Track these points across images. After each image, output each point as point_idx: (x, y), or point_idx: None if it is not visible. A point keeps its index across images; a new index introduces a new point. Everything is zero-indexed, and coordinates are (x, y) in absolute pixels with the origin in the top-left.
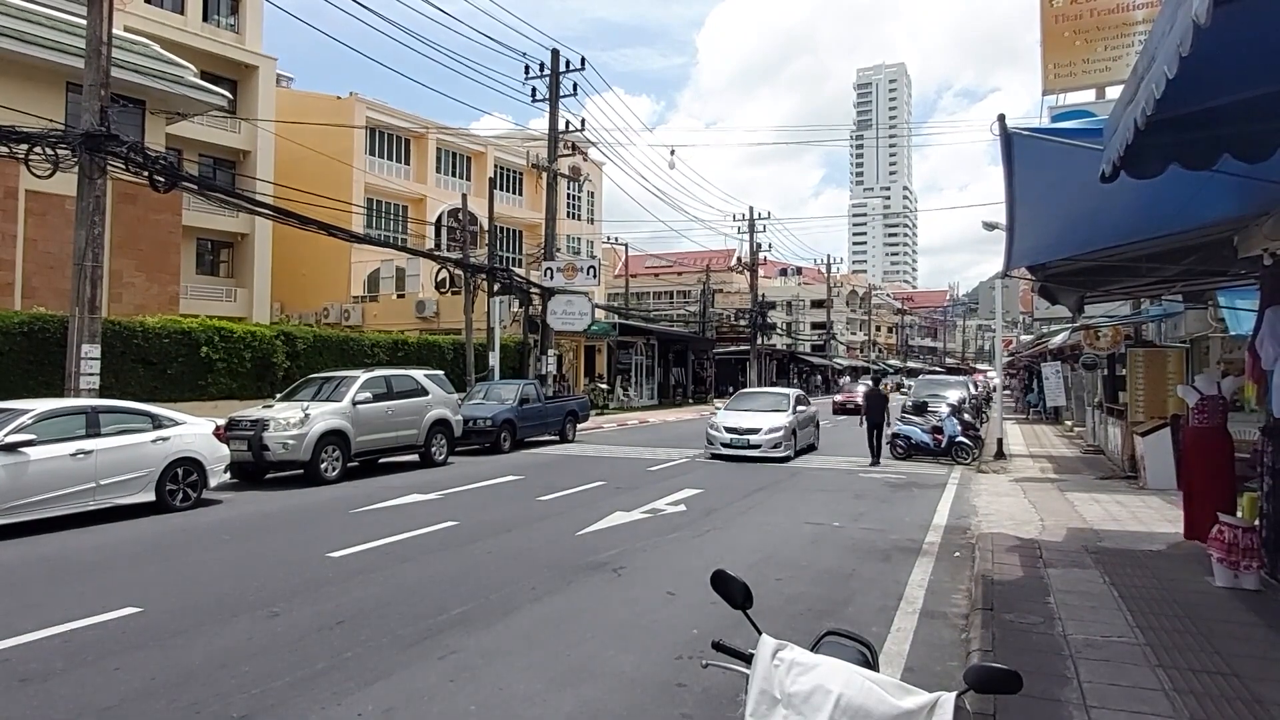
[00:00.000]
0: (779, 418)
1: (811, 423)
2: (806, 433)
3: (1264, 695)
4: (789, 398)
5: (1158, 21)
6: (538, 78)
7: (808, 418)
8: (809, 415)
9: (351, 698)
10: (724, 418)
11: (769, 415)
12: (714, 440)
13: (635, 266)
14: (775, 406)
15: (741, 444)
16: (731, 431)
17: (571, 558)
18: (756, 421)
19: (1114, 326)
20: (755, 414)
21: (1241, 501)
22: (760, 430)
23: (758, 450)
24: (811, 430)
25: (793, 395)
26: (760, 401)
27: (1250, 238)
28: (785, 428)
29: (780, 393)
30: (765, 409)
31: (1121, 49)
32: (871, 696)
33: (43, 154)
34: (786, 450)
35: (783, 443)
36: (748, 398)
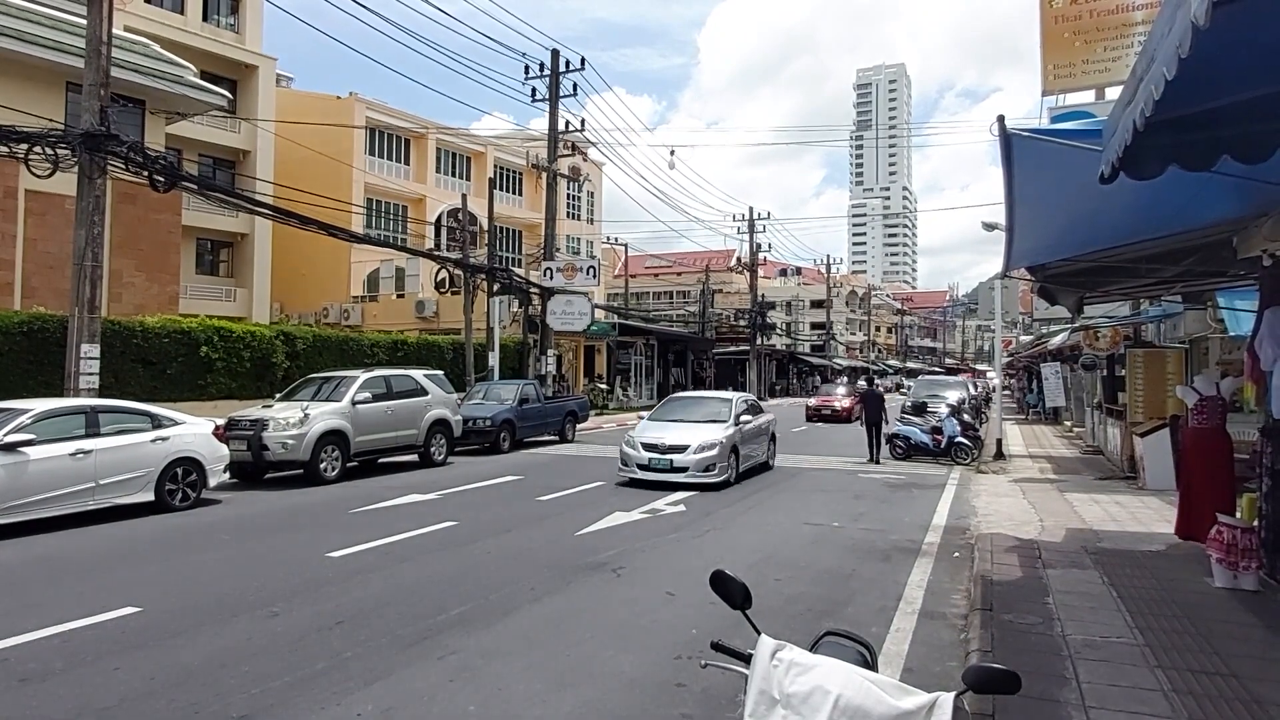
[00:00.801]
0: (714, 431)
1: (763, 436)
2: (755, 448)
3: (1263, 695)
4: (730, 405)
5: (1157, 23)
6: (538, 78)
7: (757, 430)
8: (759, 427)
9: (351, 698)
10: (644, 431)
11: (702, 428)
12: (628, 460)
13: (635, 266)
14: (712, 416)
15: (662, 465)
16: (650, 449)
17: (571, 558)
18: (684, 436)
19: (1113, 327)
20: (685, 426)
21: (1240, 502)
22: (688, 448)
23: (683, 474)
24: (763, 445)
25: (737, 402)
26: (694, 410)
27: (1249, 239)
28: (721, 444)
29: (720, 398)
30: (699, 419)
31: (1121, 50)
32: (870, 697)
33: (42, 154)
34: (723, 473)
35: (717, 464)
36: (678, 405)
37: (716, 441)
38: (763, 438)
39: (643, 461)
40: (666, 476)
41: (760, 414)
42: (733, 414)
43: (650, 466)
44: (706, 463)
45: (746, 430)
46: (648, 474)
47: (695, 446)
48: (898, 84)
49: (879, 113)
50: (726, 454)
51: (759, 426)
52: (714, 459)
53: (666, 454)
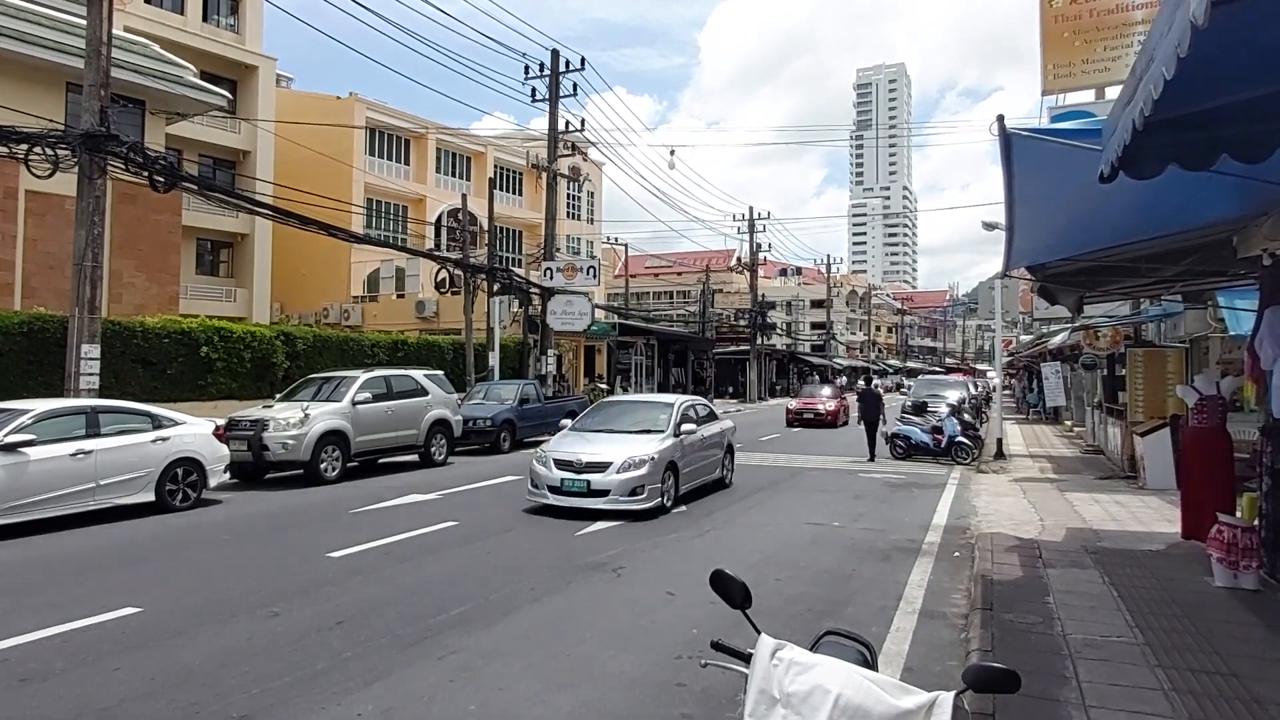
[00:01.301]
0: (645, 444)
1: (716, 448)
2: (703, 464)
3: (1263, 695)
4: (671, 412)
5: (1156, 22)
6: (537, 78)
7: (705, 442)
8: (709, 439)
9: (351, 698)
10: (560, 444)
11: (632, 441)
12: (538, 481)
13: (635, 266)
14: (647, 425)
15: (577, 488)
16: (564, 467)
17: (571, 558)
18: (607, 451)
19: (1113, 327)
20: (611, 438)
21: (1241, 501)
22: (609, 466)
23: (602, 500)
24: (716, 460)
25: (679, 408)
26: (626, 417)
27: (1249, 238)
28: (652, 461)
29: (659, 403)
30: (630, 429)
31: (1121, 49)
32: (870, 696)
33: (42, 154)
34: (653, 498)
35: (646, 485)
36: (609, 411)
37: (646, 458)
38: (715, 450)
39: (554, 483)
40: (582, 502)
41: (713, 422)
42: (672, 423)
43: (563, 489)
44: (632, 484)
45: (691, 443)
46: (560, 499)
47: (619, 464)
48: (898, 84)
49: (879, 113)
50: (660, 473)
51: (708, 438)
52: (642, 480)
53: (583, 474)
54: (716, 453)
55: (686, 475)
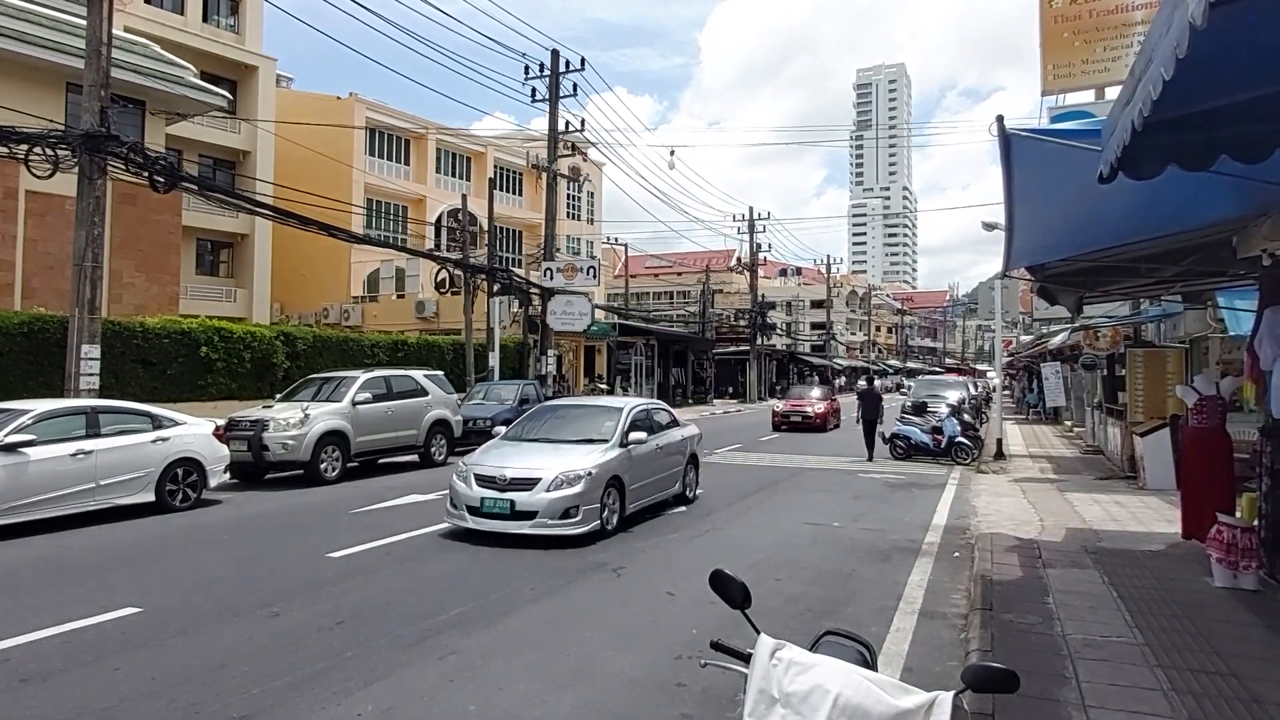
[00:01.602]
0: (585, 457)
1: (674, 460)
2: (658, 478)
3: (1262, 695)
4: (618, 419)
5: (1155, 23)
6: (537, 78)
7: (658, 453)
8: (664, 449)
9: (351, 698)
10: (485, 456)
11: (568, 452)
12: (457, 501)
13: (635, 267)
14: (591, 433)
15: (499, 509)
16: (486, 484)
17: (571, 558)
18: (537, 465)
19: (1113, 327)
20: (545, 449)
21: (1240, 502)
22: (537, 483)
23: (528, 523)
24: (676, 473)
25: (629, 413)
26: (567, 424)
27: (1249, 238)
28: (590, 477)
29: (606, 408)
30: (569, 439)
31: (1121, 50)
32: (869, 696)
33: (43, 154)
34: (588, 520)
35: (581, 506)
36: (549, 416)
37: (582, 473)
38: (674, 462)
39: (473, 502)
40: (504, 526)
41: (672, 429)
42: (619, 431)
43: (483, 510)
44: (565, 505)
45: (642, 454)
46: (478, 522)
47: (550, 481)
48: (898, 84)
49: (879, 113)
50: (599, 491)
51: (665, 448)
52: (576, 499)
53: (506, 492)
54: (675, 464)
55: (635, 492)
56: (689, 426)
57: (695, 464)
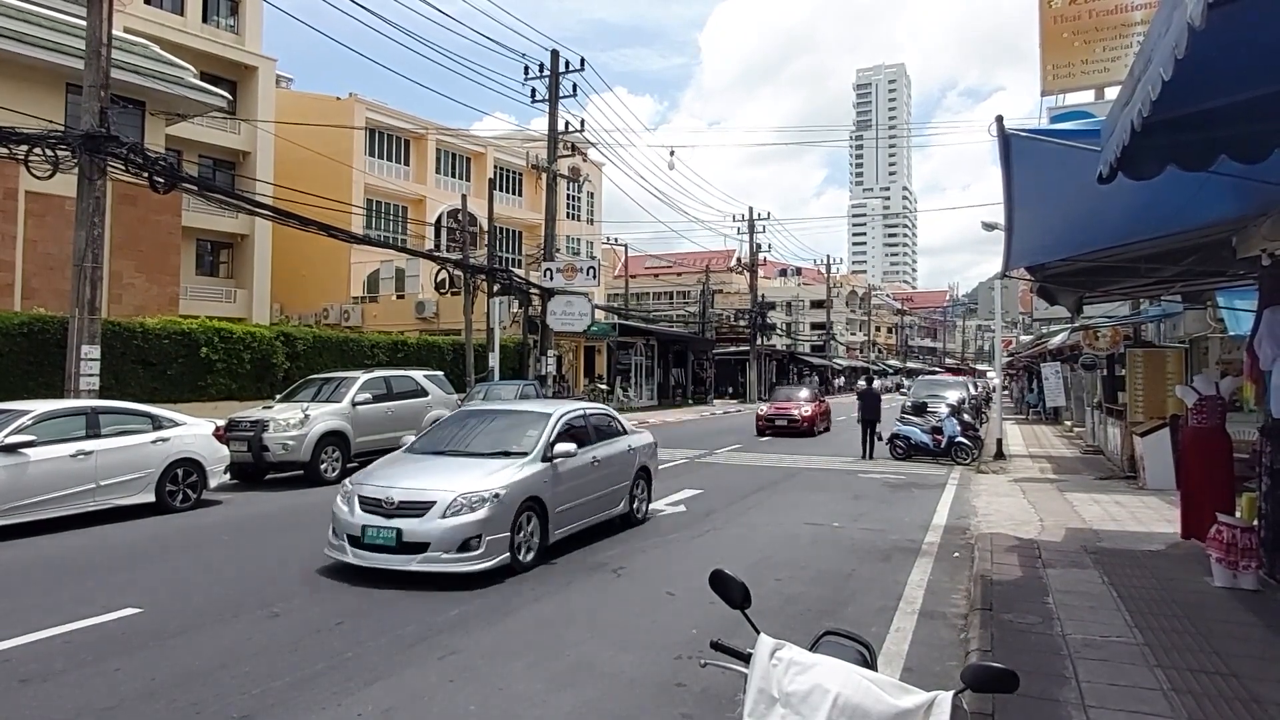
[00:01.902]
0: (494, 475)
1: (620, 474)
2: (597, 495)
3: (1262, 695)
4: (545, 426)
5: (1154, 23)
6: (537, 78)
7: (601, 466)
8: (610, 461)
9: (351, 698)
10: (373, 474)
11: (477, 468)
12: (339, 529)
13: (635, 267)
14: (509, 444)
15: (382, 540)
16: (371, 509)
17: (572, 558)
18: (437, 484)
19: (1113, 327)
20: (452, 464)
21: (1240, 501)
22: (432, 507)
23: (417, 557)
24: (618, 489)
25: (559, 420)
26: (483, 433)
27: (1249, 238)
28: (496, 500)
29: (531, 413)
30: (483, 451)
31: (1120, 50)
32: (869, 695)
33: (42, 155)
34: (497, 553)
35: (485, 535)
36: (462, 424)
37: (487, 495)
38: (617, 476)
39: (354, 531)
40: (388, 561)
41: (616, 439)
42: (542, 442)
43: (364, 541)
44: (464, 534)
45: (571, 470)
46: (359, 555)
47: (446, 505)
48: (897, 84)
49: (879, 113)
50: (510, 516)
51: (605, 460)
52: (478, 527)
53: (393, 518)
54: (619, 480)
55: (563, 515)
56: (640, 434)
57: (647, 478)
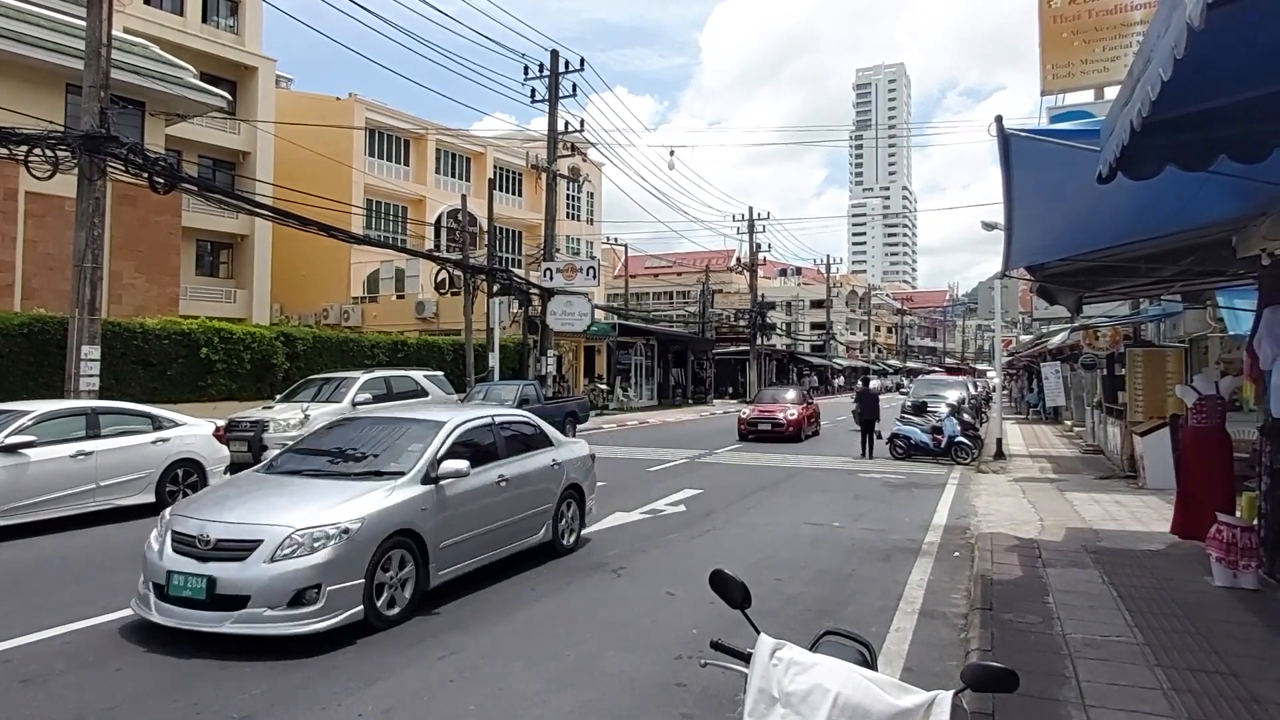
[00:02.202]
0: (349, 503)
1: (541, 494)
2: (508, 523)
3: (1262, 694)
4: (433, 439)
5: (1153, 24)
6: (537, 78)
7: (504, 487)
8: (520, 479)
9: (352, 698)
10: (192, 505)
11: (331, 493)
12: (146, 573)
13: (635, 267)
14: (386, 461)
15: (191, 590)
16: (184, 547)
17: (571, 558)
18: (270, 516)
19: (1113, 326)
20: (303, 487)
21: (1240, 501)
22: (256, 547)
23: (232, 618)
24: (537, 514)
25: (452, 433)
26: (357, 448)
27: (1248, 238)
28: (344, 536)
29: (419, 422)
30: (349, 471)
31: (1120, 49)
32: (869, 695)
33: (42, 155)
34: (341, 607)
35: (324, 584)
36: (337, 435)
37: (333, 530)
38: (536, 498)
39: (159, 578)
40: (196, 619)
41: (538, 452)
42: (424, 459)
43: (169, 592)
44: (295, 583)
45: (465, 493)
46: (165, 610)
47: (274, 546)
48: (897, 84)
49: (878, 113)
50: (366, 557)
51: (513, 480)
52: (316, 574)
53: (208, 562)
54: (539, 502)
55: (452, 551)
56: (572, 445)
57: (580, 498)
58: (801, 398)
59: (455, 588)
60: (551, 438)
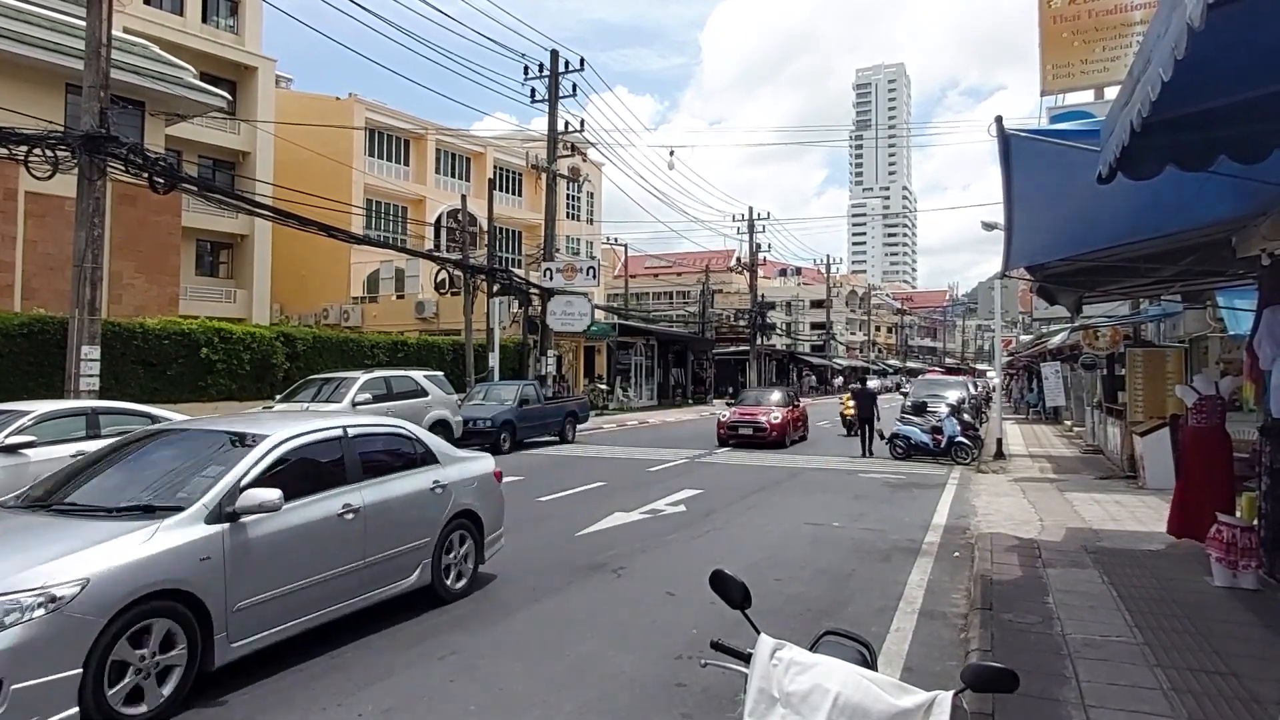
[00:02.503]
0: (72, 556)
1: (413, 523)
2: (357, 565)
3: (1262, 694)
4: (244, 458)
5: (1153, 24)
6: (537, 78)
7: (352, 521)
8: (383, 508)
9: (351, 698)
10: None
11: (61, 538)
12: None
13: (635, 267)
14: (175, 489)
15: None
16: None
17: (571, 558)
18: None
19: (1113, 326)
20: (35, 529)
21: (1240, 501)
22: None
23: None
24: (409, 549)
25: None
26: (134, 472)
27: (1248, 238)
28: (45, 606)
29: (220, 439)
30: (106, 506)
31: (1120, 49)
32: (869, 695)
33: (42, 155)
34: (40, 713)
35: (4, 680)
36: (107, 462)
37: (30, 598)
38: (409, 526)
39: None
40: None
41: (411, 471)
42: (218, 490)
43: None
44: None
45: (281, 532)
46: None
47: None
48: (897, 84)
49: (878, 113)
50: (88, 637)
51: (367, 508)
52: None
53: None
54: (412, 536)
55: (266, 609)
56: (469, 461)
57: (475, 528)
58: (788, 399)
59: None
60: (436, 452)
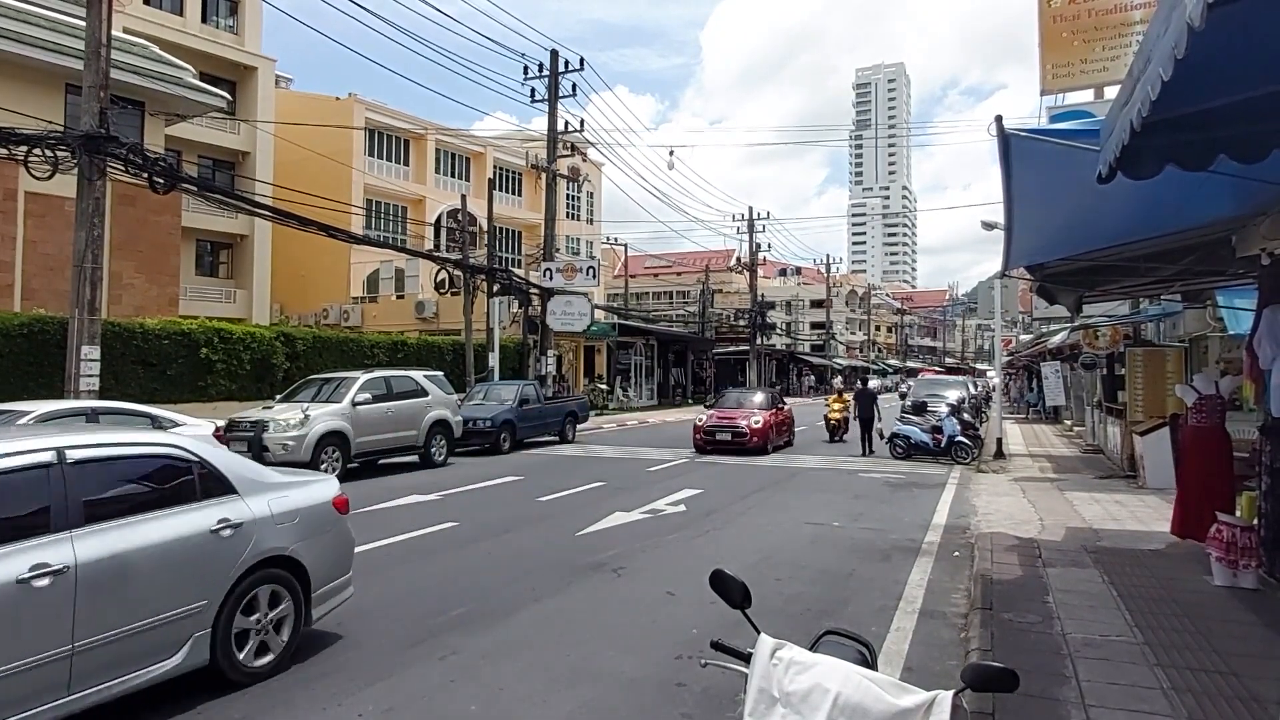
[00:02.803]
0: None
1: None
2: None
3: (1262, 694)
4: None
5: (1153, 23)
6: (537, 78)
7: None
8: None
9: (351, 698)
10: None
11: None
12: None
13: (634, 267)
14: None
15: None
16: None
17: (571, 558)
18: None
19: (1113, 326)
20: None
21: (1240, 501)
22: None
23: None
24: (178, 612)
25: None
26: None
27: (1248, 237)
28: None
29: None
30: None
31: (1120, 49)
32: (869, 695)
33: (42, 156)
34: None
35: None
36: None
37: None
38: (174, 587)
39: None
40: None
41: (176, 507)
42: None
43: None
44: None
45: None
46: None
47: None
48: (897, 83)
49: (878, 112)
50: None
51: (54, 573)
52: None
53: None
54: (175, 603)
55: None
56: (292, 488)
57: (296, 583)
58: (771, 402)
59: (455, 587)
60: (232, 478)
